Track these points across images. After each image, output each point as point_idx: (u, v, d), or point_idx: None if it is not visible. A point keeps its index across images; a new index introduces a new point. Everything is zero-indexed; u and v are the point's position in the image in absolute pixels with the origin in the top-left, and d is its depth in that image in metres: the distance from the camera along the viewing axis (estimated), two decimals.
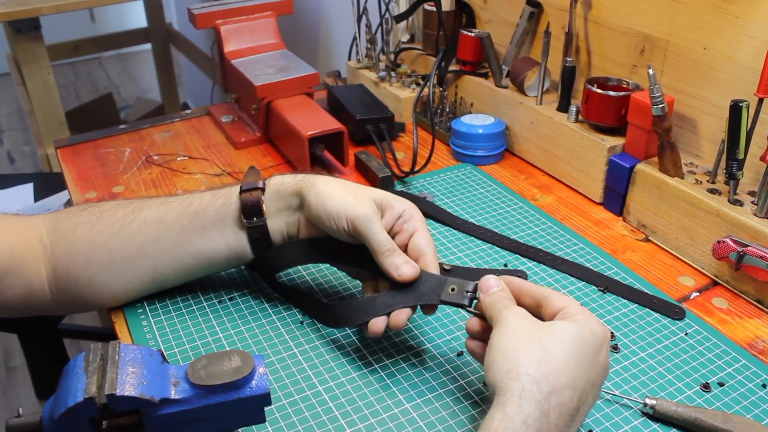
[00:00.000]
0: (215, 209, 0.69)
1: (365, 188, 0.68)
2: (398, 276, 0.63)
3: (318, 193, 0.66)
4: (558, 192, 0.97)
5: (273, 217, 0.69)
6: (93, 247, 0.68)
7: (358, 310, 0.65)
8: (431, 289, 0.63)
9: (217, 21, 1.14)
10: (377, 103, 1.13)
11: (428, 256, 0.65)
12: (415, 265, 0.63)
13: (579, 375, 0.50)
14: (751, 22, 0.76)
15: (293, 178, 0.70)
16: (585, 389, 0.51)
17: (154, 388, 0.49)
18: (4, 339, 2.19)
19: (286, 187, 0.69)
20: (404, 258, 0.64)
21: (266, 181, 0.70)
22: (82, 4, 1.78)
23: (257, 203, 0.68)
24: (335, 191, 0.66)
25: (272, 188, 0.69)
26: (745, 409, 0.62)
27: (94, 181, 1.01)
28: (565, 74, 0.96)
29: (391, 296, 0.64)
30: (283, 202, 0.69)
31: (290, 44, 1.24)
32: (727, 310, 0.74)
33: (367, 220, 0.64)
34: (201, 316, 0.72)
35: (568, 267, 0.80)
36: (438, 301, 0.62)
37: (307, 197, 0.67)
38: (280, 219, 0.70)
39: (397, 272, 0.63)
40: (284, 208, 0.69)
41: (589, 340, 0.52)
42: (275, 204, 0.69)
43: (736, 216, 0.74)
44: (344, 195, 0.66)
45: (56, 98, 1.87)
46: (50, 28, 2.16)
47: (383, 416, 0.61)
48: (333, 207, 0.65)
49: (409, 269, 0.63)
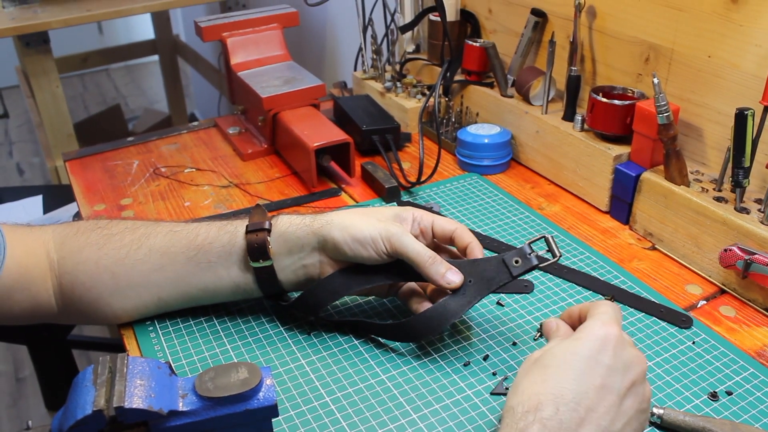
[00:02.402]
0: (221, 245, 0.69)
1: (380, 209, 0.70)
2: (446, 284, 0.65)
3: (342, 227, 0.67)
4: (564, 201, 0.97)
5: (282, 259, 0.69)
6: (99, 270, 0.68)
7: (435, 319, 0.66)
8: (495, 271, 0.65)
9: (224, 33, 1.15)
10: (383, 113, 1.13)
11: (457, 231, 0.68)
12: (457, 272, 0.65)
13: (562, 386, 0.50)
14: (755, 30, 0.76)
15: (302, 220, 0.69)
16: (578, 398, 0.49)
17: (162, 400, 0.49)
18: (14, 350, 2.20)
19: (296, 229, 0.68)
20: (446, 265, 0.65)
21: (273, 221, 0.69)
22: (90, 17, 1.79)
23: (263, 245, 0.67)
24: (359, 220, 0.67)
25: (279, 229, 0.69)
26: (754, 418, 0.61)
27: (103, 193, 1.02)
28: (570, 83, 0.96)
29: (461, 295, 0.65)
30: (294, 243, 0.68)
31: (296, 56, 1.25)
32: (735, 318, 0.74)
33: (402, 236, 0.65)
34: (209, 328, 0.73)
35: (575, 276, 0.80)
36: (511, 277, 0.64)
37: (330, 234, 0.67)
38: (293, 260, 0.69)
39: (444, 280, 0.65)
40: (297, 249, 0.68)
41: (574, 349, 0.52)
42: (284, 246, 0.68)
43: (742, 224, 0.74)
44: (369, 220, 0.67)
45: (65, 111, 1.88)
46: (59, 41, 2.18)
47: (390, 426, 0.61)
48: (365, 234, 0.66)
49: (454, 276, 0.65)
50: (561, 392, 0.50)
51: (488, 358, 0.68)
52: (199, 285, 0.70)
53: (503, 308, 0.75)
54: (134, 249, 0.69)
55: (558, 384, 0.50)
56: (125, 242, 0.69)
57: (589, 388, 0.50)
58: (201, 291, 0.71)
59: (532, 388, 0.51)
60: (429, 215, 0.70)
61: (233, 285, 0.70)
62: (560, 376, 0.51)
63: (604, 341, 0.52)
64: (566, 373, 0.51)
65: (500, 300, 0.76)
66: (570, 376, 0.51)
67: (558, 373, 0.51)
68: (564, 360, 0.52)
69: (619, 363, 0.52)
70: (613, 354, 0.52)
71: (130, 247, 0.69)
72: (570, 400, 0.49)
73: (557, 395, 0.50)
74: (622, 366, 0.52)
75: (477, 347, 0.70)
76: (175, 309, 0.73)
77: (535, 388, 0.51)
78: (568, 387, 0.50)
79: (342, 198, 0.99)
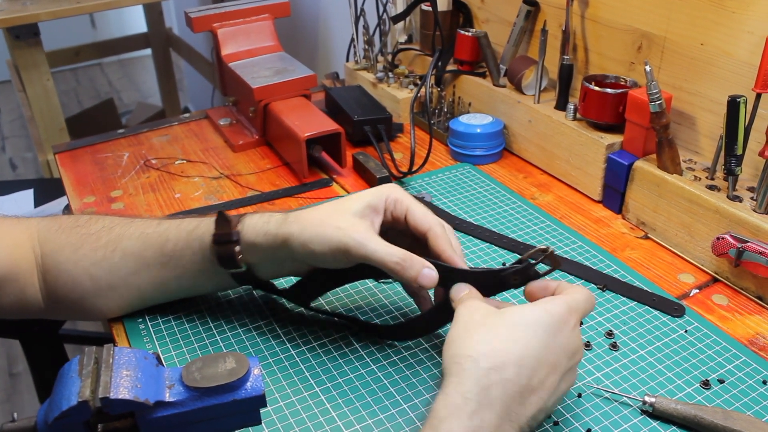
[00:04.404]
0: (192, 253, 0.67)
1: (352, 200, 0.64)
2: (419, 288, 0.64)
3: (301, 242, 0.62)
4: (557, 190, 0.97)
5: (259, 266, 0.67)
6: (78, 271, 0.67)
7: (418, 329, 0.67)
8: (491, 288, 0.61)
9: (214, 24, 1.14)
10: (375, 104, 1.12)
11: (432, 230, 0.62)
12: (431, 270, 0.60)
13: (527, 354, 0.50)
14: (748, 17, 0.76)
15: (266, 228, 0.64)
16: (535, 368, 0.50)
17: (149, 390, 0.48)
18: (7, 345, 2.19)
19: (263, 240, 0.64)
20: (417, 267, 0.60)
21: (240, 227, 0.65)
22: (80, 9, 1.77)
23: (232, 257, 0.65)
24: (319, 230, 0.61)
25: (248, 238, 0.65)
26: (746, 405, 0.61)
27: (93, 185, 1.01)
28: (563, 72, 0.95)
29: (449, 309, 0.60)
30: (266, 253, 0.65)
31: (288, 47, 1.24)
32: (728, 306, 0.74)
33: (362, 245, 0.59)
34: (198, 319, 0.72)
35: (568, 266, 0.80)
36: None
37: (293, 247, 0.63)
38: (270, 264, 0.67)
39: (417, 285, 0.60)
40: (270, 257, 0.65)
41: (543, 320, 0.52)
42: (256, 256, 0.66)
43: (735, 212, 0.74)
44: (328, 229, 0.61)
45: (56, 104, 1.87)
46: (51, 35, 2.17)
47: (380, 417, 0.60)
48: (324, 249, 0.61)
49: (425, 279, 0.60)
50: (523, 357, 0.50)
51: None
52: (179, 286, 0.70)
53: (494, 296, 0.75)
54: (110, 251, 0.67)
55: (522, 349, 0.51)
56: (101, 243, 0.68)
57: (545, 362, 0.51)
58: (183, 290, 0.71)
59: (499, 345, 0.51)
60: (405, 201, 0.64)
61: (214, 285, 0.71)
62: (526, 341, 0.51)
63: (564, 322, 0.53)
64: (530, 340, 0.51)
65: None
66: (533, 344, 0.51)
67: (524, 338, 0.51)
68: (531, 327, 0.52)
69: (570, 347, 0.53)
70: (569, 337, 0.53)
71: (106, 249, 0.67)
72: (528, 367, 0.50)
73: (520, 359, 0.50)
74: (571, 350, 0.54)
75: None
76: (162, 302, 0.72)
77: (501, 345, 0.51)
78: (529, 354, 0.51)
79: (333, 188, 0.99)
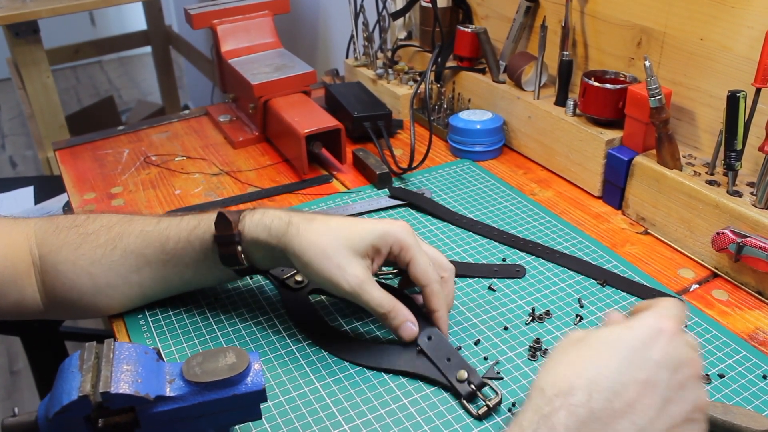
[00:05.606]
0: (193, 251, 0.67)
1: (350, 238, 0.64)
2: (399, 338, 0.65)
3: (300, 263, 0.63)
4: (556, 186, 0.97)
5: (261, 260, 0.67)
6: (76, 271, 0.67)
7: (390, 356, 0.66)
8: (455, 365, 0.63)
9: (214, 21, 1.14)
10: (375, 100, 1.12)
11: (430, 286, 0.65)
12: (411, 328, 0.64)
13: (602, 374, 0.45)
14: (747, 11, 0.76)
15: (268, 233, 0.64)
16: (616, 390, 0.45)
17: (149, 385, 0.48)
18: (8, 343, 2.19)
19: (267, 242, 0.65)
20: (401, 319, 0.64)
21: (240, 227, 0.65)
22: (80, 6, 1.77)
23: (235, 257, 0.66)
24: (315, 260, 0.63)
25: (250, 238, 0.65)
26: (746, 400, 0.61)
27: (93, 182, 1.01)
28: (562, 68, 0.95)
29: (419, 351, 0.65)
30: (270, 257, 0.66)
31: (287, 43, 1.24)
32: (728, 301, 0.74)
33: (353, 292, 0.63)
34: (198, 315, 0.72)
35: (567, 261, 0.80)
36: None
37: (291, 259, 0.64)
38: (274, 260, 0.67)
39: (397, 334, 0.65)
40: (274, 261, 0.67)
41: (625, 336, 0.47)
42: (260, 257, 0.67)
43: (735, 207, 0.74)
44: (324, 264, 0.62)
45: (56, 102, 1.87)
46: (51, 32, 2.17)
47: (381, 412, 0.60)
48: (319, 279, 0.63)
49: (405, 333, 0.64)
50: (597, 379, 0.45)
51: (479, 343, 0.68)
52: (182, 282, 0.70)
53: (494, 293, 0.75)
54: (109, 250, 0.67)
55: (596, 370, 0.45)
56: (101, 242, 0.68)
57: (630, 381, 0.45)
58: (185, 285, 0.71)
59: (567, 370, 0.46)
60: (411, 251, 0.64)
61: (216, 279, 0.71)
62: (600, 361, 0.46)
63: (656, 334, 0.47)
64: (608, 359, 0.46)
65: (492, 285, 0.76)
66: (611, 364, 0.46)
67: (599, 358, 0.46)
68: (608, 345, 0.47)
69: (669, 360, 0.46)
70: (665, 349, 0.47)
71: (106, 248, 0.67)
72: (605, 389, 0.45)
73: (592, 381, 0.45)
74: (672, 364, 0.46)
75: (468, 332, 0.69)
76: (163, 298, 0.72)
77: (570, 369, 0.46)
78: (606, 375, 0.45)
79: (333, 185, 0.99)
